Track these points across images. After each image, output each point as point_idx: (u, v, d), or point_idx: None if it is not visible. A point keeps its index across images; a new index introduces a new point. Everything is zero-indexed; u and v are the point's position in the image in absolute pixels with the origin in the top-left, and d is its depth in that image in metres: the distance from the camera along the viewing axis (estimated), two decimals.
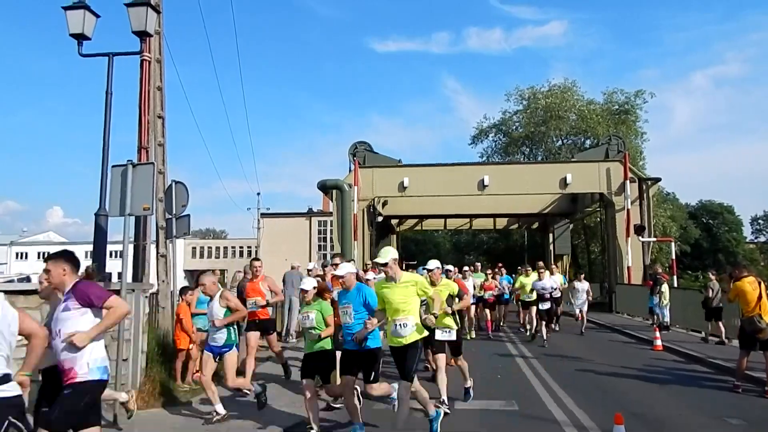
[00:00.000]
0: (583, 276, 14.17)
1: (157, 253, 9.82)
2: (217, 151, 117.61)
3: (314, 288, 5.56)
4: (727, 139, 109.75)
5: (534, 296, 12.17)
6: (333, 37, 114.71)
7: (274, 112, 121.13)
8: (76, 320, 3.54)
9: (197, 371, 7.68)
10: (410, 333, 4.91)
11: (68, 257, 3.69)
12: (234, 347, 5.83)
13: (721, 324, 11.43)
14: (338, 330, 5.52)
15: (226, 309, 5.74)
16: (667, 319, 13.83)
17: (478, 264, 15.68)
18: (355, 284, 5.32)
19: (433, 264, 6.50)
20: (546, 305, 11.76)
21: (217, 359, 5.83)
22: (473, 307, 12.60)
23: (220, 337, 5.75)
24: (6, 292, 6.19)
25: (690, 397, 7.06)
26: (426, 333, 5.23)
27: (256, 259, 7.99)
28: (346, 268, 5.35)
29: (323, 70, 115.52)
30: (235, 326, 5.97)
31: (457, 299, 6.57)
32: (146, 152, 8.65)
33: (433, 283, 6.26)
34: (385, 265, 4.97)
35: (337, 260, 7.70)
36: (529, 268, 13.75)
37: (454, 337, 6.40)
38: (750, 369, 7.91)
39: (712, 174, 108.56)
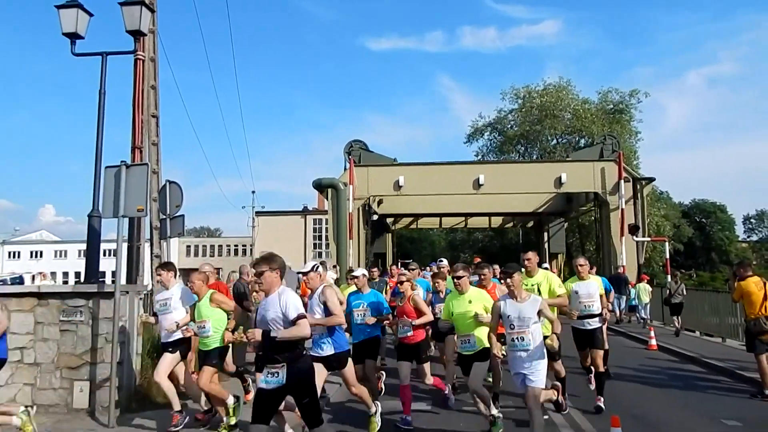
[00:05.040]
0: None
1: (152, 253, 9.77)
2: (211, 149, 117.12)
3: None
4: (720, 139, 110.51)
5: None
6: (327, 36, 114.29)
7: (268, 110, 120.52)
8: None
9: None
10: None
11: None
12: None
13: (679, 318, 12.82)
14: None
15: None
16: (644, 315, 14.72)
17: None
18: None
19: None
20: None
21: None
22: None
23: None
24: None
25: (685, 398, 7.09)
26: None
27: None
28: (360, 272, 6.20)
29: (317, 69, 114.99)
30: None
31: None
32: (140, 152, 8.60)
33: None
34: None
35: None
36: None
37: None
38: (744, 369, 7.97)
39: (705, 173, 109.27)
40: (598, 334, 6.49)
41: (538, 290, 5.91)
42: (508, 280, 4.87)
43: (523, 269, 6.01)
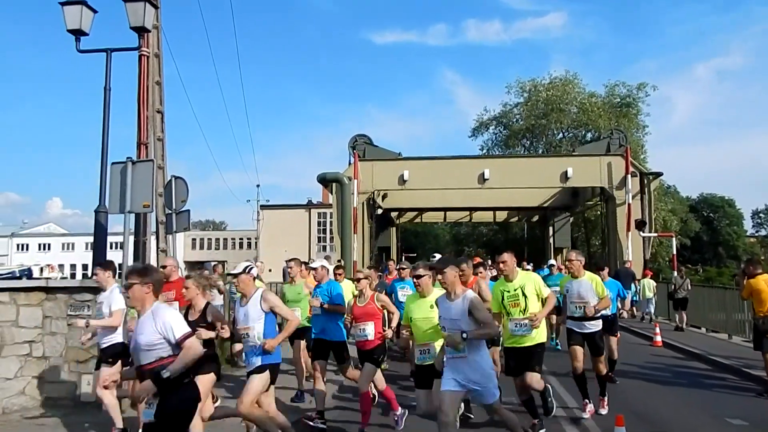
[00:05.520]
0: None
1: (158, 247, 9.83)
2: (215, 143, 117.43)
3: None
4: (729, 132, 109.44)
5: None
6: (329, 29, 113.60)
7: (272, 104, 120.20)
8: None
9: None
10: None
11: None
12: None
13: (684, 313, 13.11)
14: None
15: None
16: (649, 310, 15.10)
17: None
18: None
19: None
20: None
21: None
22: None
23: None
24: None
25: (690, 396, 7.08)
26: None
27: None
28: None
29: (320, 63, 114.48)
30: None
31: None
32: (145, 147, 8.62)
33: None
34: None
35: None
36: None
37: None
38: (751, 367, 7.94)
39: (713, 167, 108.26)
40: (598, 340, 5.97)
41: (523, 293, 5.10)
42: (439, 277, 4.10)
43: (501, 275, 5.37)
